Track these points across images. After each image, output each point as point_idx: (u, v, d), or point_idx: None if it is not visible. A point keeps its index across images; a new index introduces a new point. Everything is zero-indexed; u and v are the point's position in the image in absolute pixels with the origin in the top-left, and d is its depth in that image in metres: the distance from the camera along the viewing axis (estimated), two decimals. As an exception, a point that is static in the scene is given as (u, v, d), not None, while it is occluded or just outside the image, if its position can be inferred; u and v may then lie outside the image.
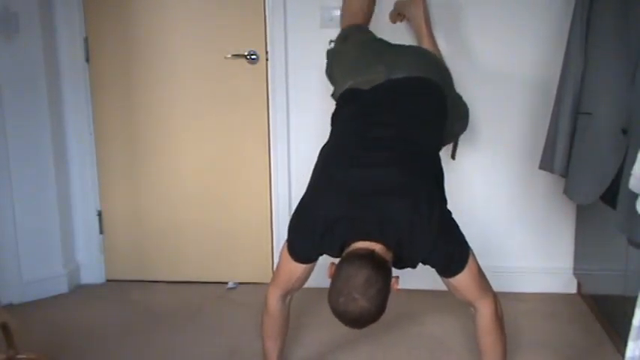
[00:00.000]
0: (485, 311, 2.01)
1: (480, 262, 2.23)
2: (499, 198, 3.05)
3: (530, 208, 3.04)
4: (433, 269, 1.99)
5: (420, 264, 1.97)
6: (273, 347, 2.24)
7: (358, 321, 1.76)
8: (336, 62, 2.50)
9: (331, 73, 2.52)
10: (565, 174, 2.51)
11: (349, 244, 1.85)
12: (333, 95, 2.42)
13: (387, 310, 1.80)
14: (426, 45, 2.63)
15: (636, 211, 1.72)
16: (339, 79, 2.39)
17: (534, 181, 2.98)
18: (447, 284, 2.02)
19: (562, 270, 3.05)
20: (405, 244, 1.87)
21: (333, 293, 1.76)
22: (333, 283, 1.78)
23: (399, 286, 1.85)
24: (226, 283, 3.22)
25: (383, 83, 2.19)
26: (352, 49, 2.46)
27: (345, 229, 1.87)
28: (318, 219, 1.92)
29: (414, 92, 2.21)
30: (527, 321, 2.74)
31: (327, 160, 2.10)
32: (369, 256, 1.77)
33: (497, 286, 2.13)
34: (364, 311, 1.72)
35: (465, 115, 2.55)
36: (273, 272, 2.27)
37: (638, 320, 1.61)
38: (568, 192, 2.53)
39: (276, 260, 3.14)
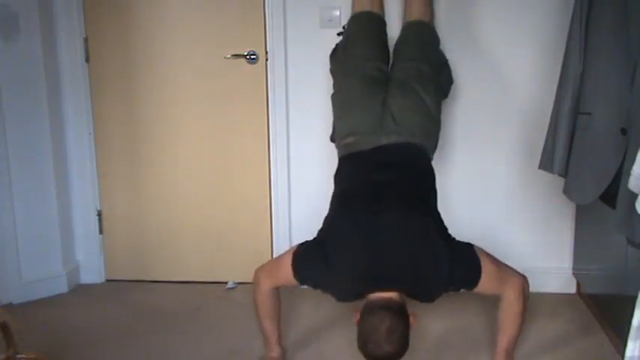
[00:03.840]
0: (510, 294, 2.17)
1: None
2: (499, 198, 3.05)
3: (529, 208, 3.04)
4: None
5: None
6: (272, 326, 2.34)
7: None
8: (339, 88, 2.56)
9: (335, 84, 2.60)
10: (564, 174, 2.51)
11: (366, 295, 2.06)
12: (332, 139, 2.54)
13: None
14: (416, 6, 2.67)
15: (635, 211, 1.72)
16: (339, 117, 2.49)
17: (534, 181, 2.98)
18: (475, 292, 2.17)
19: (561, 270, 3.05)
20: (420, 287, 2.09)
21: (361, 341, 1.99)
22: (360, 332, 2.01)
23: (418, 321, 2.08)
24: (226, 283, 3.22)
25: (380, 147, 2.33)
26: (355, 85, 2.48)
27: (362, 284, 2.07)
28: (337, 269, 2.08)
29: (406, 154, 2.37)
30: (526, 321, 2.74)
31: (340, 209, 2.24)
32: (388, 307, 2.00)
33: (496, 286, 2.14)
34: (391, 354, 1.96)
35: (448, 72, 2.65)
36: (271, 262, 2.31)
37: (637, 320, 1.62)
38: (567, 192, 2.53)
39: (275, 260, 3.16)
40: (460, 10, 2.90)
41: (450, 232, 2.19)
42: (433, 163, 2.44)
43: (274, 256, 3.17)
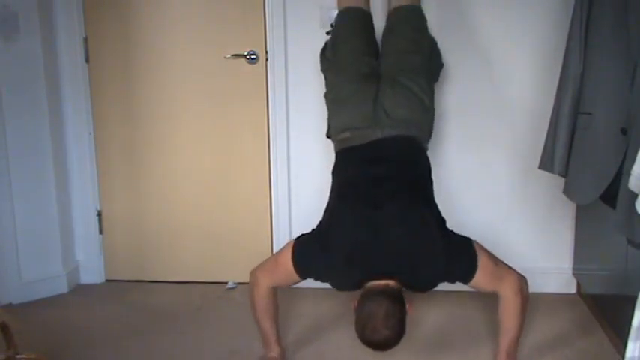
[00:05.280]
0: (507, 292, 2.18)
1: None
2: (499, 198, 3.05)
3: (529, 208, 3.04)
4: None
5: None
6: (271, 326, 2.35)
7: (383, 346, 2.03)
8: (331, 87, 2.57)
9: (326, 82, 2.61)
10: (564, 174, 2.51)
11: (364, 282, 2.08)
12: (328, 136, 2.54)
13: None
14: None
15: (635, 211, 1.72)
16: (332, 114, 2.51)
17: (534, 181, 2.98)
18: (470, 286, 2.19)
19: (561, 270, 3.05)
20: (417, 277, 2.11)
21: (359, 326, 2.02)
22: (357, 318, 2.03)
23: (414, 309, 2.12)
24: (226, 283, 3.22)
25: (376, 141, 2.34)
26: (345, 83, 2.49)
27: (360, 271, 2.09)
28: (335, 262, 2.10)
29: (402, 147, 2.38)
30: (526, 321, 2.74)
31: (339, 202, 2.26)
32: (386, 292, 2.03)
33: (496, 286, 2.14)
34: (388, 339, 2.00)
35: (438, 54, 2.66)
36: (268, 261, 2.31)
37: (637, 321, 1.62)
38: (567, 192, 2.53)
39: (275, 260, 3.16)
40: (459, 10, 2.90)
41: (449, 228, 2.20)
42: (432, 161, 2.44)
43: (274, 256, 3.18)
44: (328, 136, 2.55)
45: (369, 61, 2.53)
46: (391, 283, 2.06)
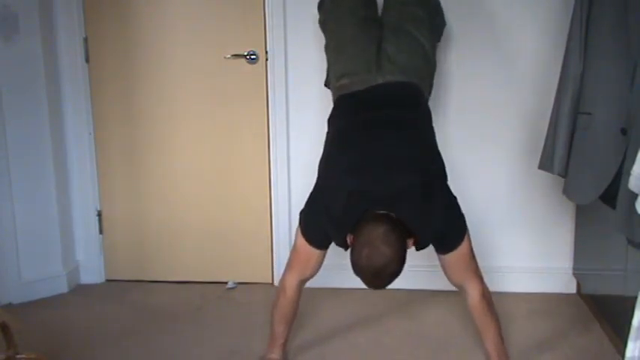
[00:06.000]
0: (473, 292, 2.19)
1: (480, 262, 2.24)
2: (499, 198, 3.05)
3: (529, 208, 3.04)
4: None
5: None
6: (283, 331, 2.33)
7: (383, 271, 1.89)
8: (331, 35, 2.52)
9: (326, 35, 2.57)
10: (564, 174, 2.51)
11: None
12: (326, 84, 2.50)
13: (387, 311, 1.81)
14: None
15: (636, 211, 1.72)
16: (332, 61, 2.46)
17: (534, 181, 2.98)
18: (441, 262, 2.18)
19: (561, 270, 3.05)
20: (417, 218, 2.01)
21: (356, 252, 1.92)
22: (355, 244, 1.94)
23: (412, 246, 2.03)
24: (226, 283, 3.22)
25: (376, 86, 2.28)
26: (347, 27, 2.45)
27: (360, 205, 2.00)
28: (335, 198, 2.05)
29: (402, 92, 2.33)
30: (526, 321, 2.75)
31: (336, 142, 2.23)
32: (385, 216, 1.95)
33: (496, 286, 2.14)
34: (387, 259, 1.87)
35: (441, 12, 2.63)
36: (290, 256, 2.30)
37: (637, 321, 1.62)
38: (567, 192, 2.53)
39: (275, 260, 3.17)
40: (460, 12, 2.90)
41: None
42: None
43: (274, 255, 3.18)
44: (326, 85, 2.51)
45: (370, 9, 2.49)
46: (390, 214, 1.98)
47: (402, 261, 1.92)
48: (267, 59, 3.03)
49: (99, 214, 3.27)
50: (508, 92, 2.95)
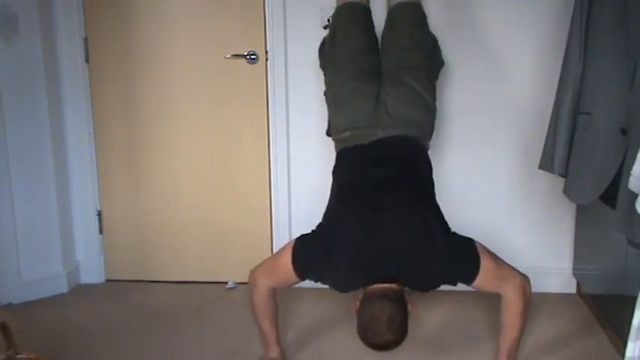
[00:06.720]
0: (509, 293, 2.16)
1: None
2: (499, 198, 3.05)
3: (529, 208, 3.04)
4: None
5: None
6: (271, 326, 2.34)
7: (385, 348, 2.02)
8: (330, 85, 2.55)
9: (326, 80, 2.59)
10: (564, 174, 2.51)
11: (366, 285, 2.08)
12: (327, 134, 2.53)
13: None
14: None
15: (635, 211, 1.72)
16: (333, 112, 2.49)
17: (534, 181, 2.98)
18: (474, 288, 2.18)
19: (561, 270, 3.05)
20: (419, 278, 2.10)
21: (362, 329, 2.01)
22: (360, 320, 2.03)
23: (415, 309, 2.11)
24: (226, 283, 3.22)
25: (376, 140, 2.33)
26: (345, 81, 2.46)
27: (362, 275, 2.08)
28: (337, 261, 2.08)
29: (403, 147, 2.37)
30: (528, 321, 2.74)
31: (341, 198, 2.27)
32: (388, 296, 2.01)
33: (496, 286, 2.13)
34: (391, 342, 1.99)
35: (439, 52, 2.64)
36: (268, 261, 2.29)
37: (637, 321, 1.62)
38: (567, 192, 2.53)
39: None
40: (459, 10, 2.90)
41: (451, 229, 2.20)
42: (432, 161, 2.43)
43: (274, 256, 3.18)
44: (328, 134, 2.54)
45: (369, 58, 2.51)
46: (393, 286, 2.04)
47: (404, 337, 2.02)
48: (267, 59, 3.03)
49: (99, 214, 3.27)
50: (508, 92, 2.95)
